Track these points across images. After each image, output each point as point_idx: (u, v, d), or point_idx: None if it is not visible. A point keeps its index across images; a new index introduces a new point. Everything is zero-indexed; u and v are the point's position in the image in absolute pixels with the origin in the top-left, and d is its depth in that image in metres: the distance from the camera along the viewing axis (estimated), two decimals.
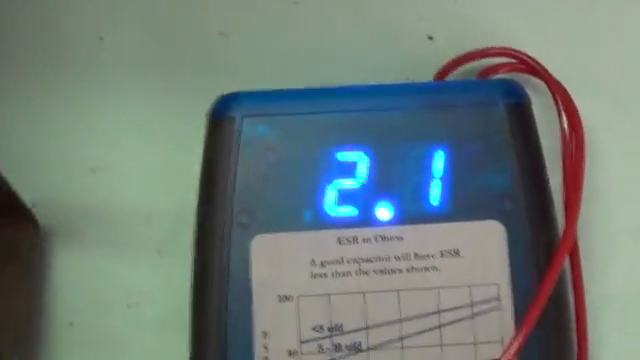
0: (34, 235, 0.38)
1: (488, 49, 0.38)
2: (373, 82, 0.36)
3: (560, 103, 0.36)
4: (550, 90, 0.37)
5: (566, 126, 0.36)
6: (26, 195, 0.37)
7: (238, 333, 0.33)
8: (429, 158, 0.35)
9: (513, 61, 0.38)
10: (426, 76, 0.39)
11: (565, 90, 0.37)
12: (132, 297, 0.38)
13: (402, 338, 0.33)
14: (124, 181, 0.39)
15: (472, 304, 0.33)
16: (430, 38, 0.40)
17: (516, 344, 0.32)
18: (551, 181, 0.35)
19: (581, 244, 0.37)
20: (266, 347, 0.33)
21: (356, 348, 0.33)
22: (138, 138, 0.40)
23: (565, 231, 0.34)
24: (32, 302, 0.38)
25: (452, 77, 0.39)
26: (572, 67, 0.39)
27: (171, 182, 0.39)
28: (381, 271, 0.34)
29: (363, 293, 0.33)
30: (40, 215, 0.38)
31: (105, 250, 0.38)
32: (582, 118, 0.37)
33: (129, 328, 0.38)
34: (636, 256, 0.38)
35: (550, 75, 0.37)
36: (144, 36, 0.41)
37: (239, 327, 0.33)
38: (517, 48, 0.38)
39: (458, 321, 0.33)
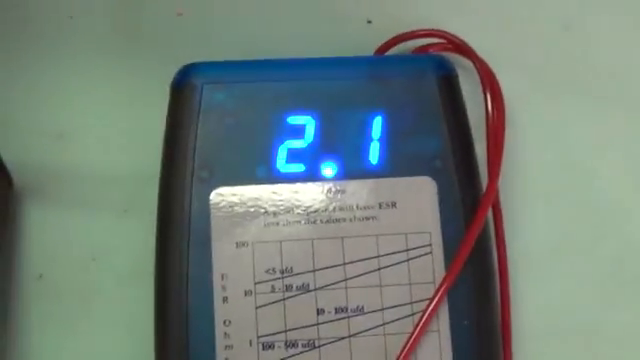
0: (7, 190, 0.40)
1: (420, 30, 0.42)
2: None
3: (483, 77, 0.40)
4: (475, 66, 0.40)
5: (489, 98, 0.40)
6: None
7: (199, 276, 0.36)
8: (369, 122, 0.38)
9: (443, 41, 0.42)
10: (367, 54, 0.42)
11: (488, 66, 0.41)
12: (98, 251, 0.40)
13: (346, 279, 0.36)
14: (91, 145, 0.42)
15: (407, 249, 0.37)
16: (369, 22, 0.44)
17: (445, 284, 0.36)
18: (477, 148, 0.39)
19: (503, 205, 0.40)
20: (224, 287, 0.36)
21: (305, 288, 0.36)
22: (103, 106, 0.42)
23: (488, 187, 0.38)
24: (3, 255, 0.40)
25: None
26: (494, 46, 0.43)
27: (137, 146, 0.41)
28: (327, 220, 0.37)
29: (311, 240, 0.37)
30: (12, 174, 0.40)
31: (73, 208, 0.41)
32: (503, 91, 0.40)
33: (95, 280, 0.40)
34: (551, 216, 0.42)
35: (475, 53, 0.41)
36: (111, 15, 0.43)
37: (200, 271, 0.36)
38: (447, 30, 0.42)
39: (395, 264, 0.37)
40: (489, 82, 0.40)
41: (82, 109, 0.42)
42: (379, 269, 0.37)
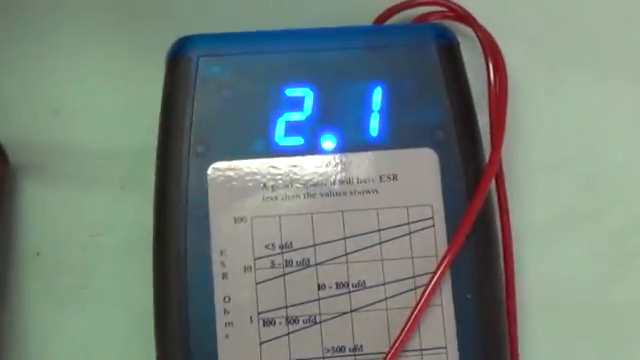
0: (3, 168, 0.40)
1: None
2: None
3: (485, 46, 0.39)
4: (476, 35, 0.40)
5: (491, 67, 0.39)
6: None
7: (198, 252, 0.36)
8: (369, 93, 0.37)
9: (443, 9, 0.41)
10: (366, 23, 0.41)
11: (490, 35, 0.40)
12: (95, 228, 0.40)
13: (347, 254, 0.36)
14: (87, 121, 0.41)
15: (409, 223, 0.36)
16: None
17: (448, 257, 0.35)
18: (479, 118, 0.38)
19: (506, 176, 0.40)
20: (223, 264, 0.36)
21: (305, 263, 0.36)
22: (100, 80, 0.42)
23: (490, 157, 0.37)
24: (2, 233, 0.40)
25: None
26: (496, 14, 0.42)
27: (133, 121, 0.41)
28: (327, 194, 0.37)
29: (311, 214, 0.36)
30: (8, 152, 0.40)
31: (70, 185, 0.41)
32: (505, 60, 0.40)
33: (92, 257, 0.40)
34: (553, 187, 0.41)
35: (477, 22, 0.40)
36: None
37: (198, 247, 0.36)
38: None
39: (396, 238, 0.36)
40: (491, 51, 0.39)
41: (77, 84, 0.42)
42: (380, 243, 0.36)
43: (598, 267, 0.41)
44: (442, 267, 0.35)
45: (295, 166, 0.37)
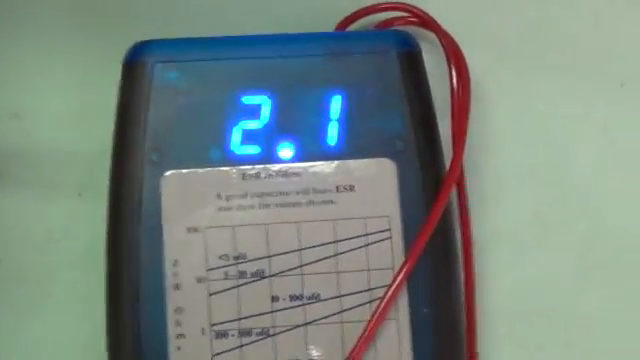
0: None
1: (382, 4, 0.40)
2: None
3: (448, 52, 0.39)
4: (440, 41, 0.39)
5: (454, 74, 0.38)
6: None
7: (150, 263, 0.35)
8: (327, 101, 0.37)
9: (406, 14, 0.40)
10: (328, 29, 0.41)
11: (454, 41, 0.39)
12: (52, 234, 0.40)
13: (302, 265, 0.36)
14: (46, 126, 0.41)
15: (366, 234, 0.36)
16: None
17: (404, 270, 0.35)
18: (441, 126, 0.37)
19: (469, 185, 0.39)
20: (176, 274, 0.35)
21: (259, 274, 0.35)
22: (58, 85, 0.41)
23: (451, 166, 0.37)
24: None
25: (351, 30, 0.41)
26: (461, 20, 0.41)
27: (91, 126, 0.40)
28: (282, 205, 0.36)
29: (265, 225, 0.36)
30: None
31: (28, 191, 0.40)
32: (469, 66, 0.39)
33: (49, 264, 0.40)
34: (520, 195, 0.41)
35: (440, 27, 0.39)
36: None
37: (151, 257, 0.35)
38: (411, 3, 0.40)
39: (353, 250, 0.36)
40: (454, 57, 0.39)
41: (37, 88, 0.41)
42: (336, 255, 0.36)
43: (565, 276, 0.41)
44: (398, 280, 0.35)
45: (251, 175, 0.36)
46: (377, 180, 0.36)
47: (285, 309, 0.35)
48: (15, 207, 0.40)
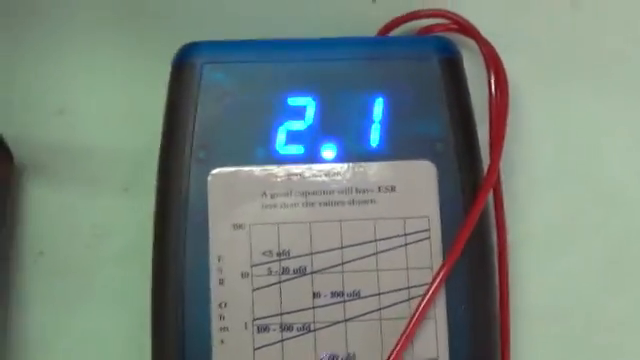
0: (9, 167, 0.40)
1: (423, 11, 0.41)
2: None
3: (488, 59, 0.39)
4: (479, 48, 0.40)
5: (493, 80, 0.39)
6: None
7: (196, 257, 0.36)
8: (370, 104, 0.38)
9: (447, 21, 0.41)
10: (370, 35, 0.41)
11: (493, 48, 0.40)
12: (98, 229, 0.41)
13: (343, 263, 0.36)
14: (91, 122, 0.42)
15: (405, 234, 0.37)
16: (373, 1, 0.43)
17: (443, 271, 0.36)
18: (479, 130, 0.38)
19: (505, 188, 0.40)
20: (221, 270, 0.36)
21: (301, 271, 0.36)
22: (104, 84, 0.42)
23: (488, 170, 0.37)
24: (5, 232, 0.40)
25: (393, 35, 0.42)
26: (500, 28, 0.42)
27: (136, 125, 0.41)
28: (325, 203, 0.37)
29: (309, 223, 0.37)
30: (13, 151, 0.40)
31: (74, 185, 0.41)
32: (508, 73, 0.40)
33: (94, 258, 0.41)
34: (554, 200, 0.42)
35: (479, 34, 0.40)
36: None
37: (197, 252, 0.36)
38: (452, 10, 0.41)
39: (393, 249, 0.37)
40: (493, 64, 0.40)
41: (83, 85, 0.42)
42: (376, 253, 0.36)
43: (596, 280, 0.41)
44: (437, 281, 0.36)
45: (295, 174, 0.37)
46: (417, 181, 0.37)
47: (326, 305, 0.36)
48: (60, 201, 0.41)
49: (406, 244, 0.37)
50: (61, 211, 0.41)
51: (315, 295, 0.36)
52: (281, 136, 0.37)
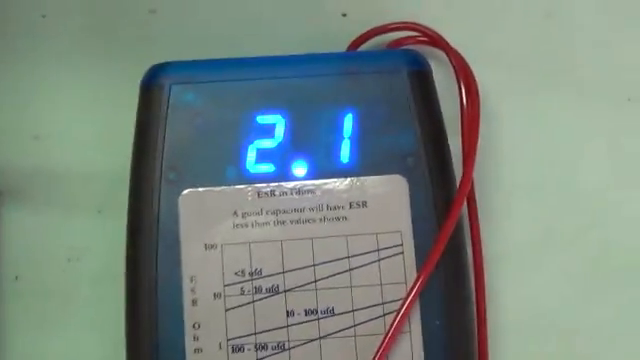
0: None
1: (393, 23, 0.41)
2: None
3: (458, 70, 0.39)
4: (449, 59, 0.40)
5: (464, 91, 0.39)
6: None
7: (168, 278, 0.36)
8: (340, 120, 0.37)
9: (417, 34, 0.41)
10: (340, 49, 0.41)
11: (463, 59, 0.40)
12: (73, 252, 0.41)
13: (316, 281, 0.36)
14: (66, 147, 0.42)
15: (378, 249, 0.36)
16: (344, 15, 0.43)
17: (418, 285, 0.35)
18: (451, 143, 0.38)
19: (479, 202, 0.39)
20: (194, 290, 0.36)
21: (274, 290, 0.36)
22: (77, 107, 0.42)
23: (462, 181, 0.37)
24: None
25: (363, 49, 0.41)
26: (469, 39, 0.42)
27: (110, 147, 0.41)
28: (296, 221, 0.37)
29: (280, 241, 0.37)
30: None
31: (49, 209, 0.41)
32: (479, 84, 0.39)
33: (70, 281, 0.41)
34: (530, 212, 0.41)
35: (449, 46, 0.40)
36: (84, 14, 0.43)
37: (169, 274, 0.36)
38: (423, 22, 0.41)
39: (366, 265, 0.36)
40: (463, 75, 0.39)
41: (57, 110, 0.42)
42: (349, 270, 0.36)
43: (573, 291, 0.41)
44: (411, 295, 0.35)
45: (265, 193, 0.37)
46: (389, 196, 0.37)
47: (300, 323, 0.36)
48: (35, 224, 0.41)
49: (379, 259, 0.36)
50: (36, 235, 0.41)
51: (289, 313, 0.36)
52: (251, 155, 0.37)
